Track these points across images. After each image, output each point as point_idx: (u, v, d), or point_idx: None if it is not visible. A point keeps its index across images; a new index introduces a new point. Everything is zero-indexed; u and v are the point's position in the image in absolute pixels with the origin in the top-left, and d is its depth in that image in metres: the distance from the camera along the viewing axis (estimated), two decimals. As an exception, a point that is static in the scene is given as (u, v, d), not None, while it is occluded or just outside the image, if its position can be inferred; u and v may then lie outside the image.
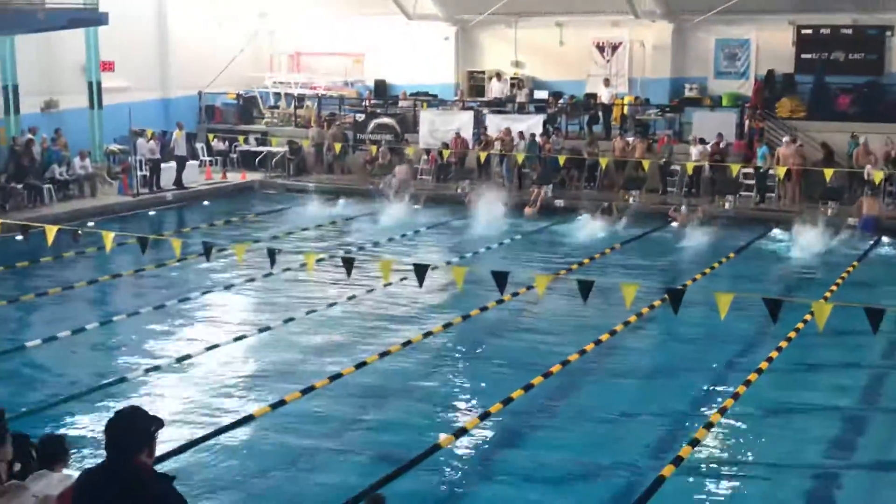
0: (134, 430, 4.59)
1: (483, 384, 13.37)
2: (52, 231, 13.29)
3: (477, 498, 10.18)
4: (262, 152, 31.93)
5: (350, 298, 17.43)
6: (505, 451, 11.37)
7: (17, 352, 14.33)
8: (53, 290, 17.71)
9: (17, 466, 6.61)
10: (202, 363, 14.04)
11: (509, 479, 10.55)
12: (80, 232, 14.35)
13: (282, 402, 12.33)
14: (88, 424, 11.55)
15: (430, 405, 12.59)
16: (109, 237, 13.12)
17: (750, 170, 26.50)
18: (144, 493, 4.44)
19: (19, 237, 17.94)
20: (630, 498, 9.82)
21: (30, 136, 25.91)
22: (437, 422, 11.98)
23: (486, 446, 11.45)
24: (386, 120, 31.47)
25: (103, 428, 4.74)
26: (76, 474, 5.78)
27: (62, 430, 10.84)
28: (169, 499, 4.49)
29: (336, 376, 13.31)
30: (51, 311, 16.81)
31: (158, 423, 4.71)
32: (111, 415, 4.80)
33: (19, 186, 24.48)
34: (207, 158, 31.31)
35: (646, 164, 26.77)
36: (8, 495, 5.75)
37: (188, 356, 14.19)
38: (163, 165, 27.90)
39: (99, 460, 5.88)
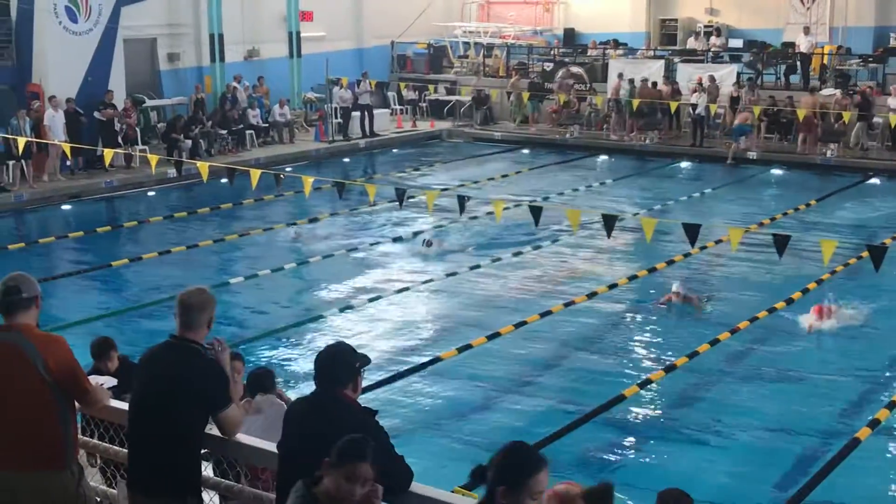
0: (340, 364, 4.75)
1: (668, 338, 13.28)
2: (256, 175, 13.92)
3: (658, 450, 10.18)
4: (450, 101, 32.26)
5: (536, 248, 17.57)
6: (689, 405, 11.32)
7: (221, 288, 15.20)
8: (255, 231, 18.65)
9: None
10: (392, 305, 14.55)
11: (692, 433, 10.51)
12: (282, 176, 14.96)
13: (468, 346, 12.65)
14: (288, 358, 12.18)
15: (614, 356, 12.64)
16: (308, 182, 13.63)
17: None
18: (349, 424, 4.59)
19: (224, 180, 18.86)
20: (821, 459, 9.63)
21: (234, 83, 27.11)
22: (622, 373, 12.01)
23: (671, 399, 11.42)
24: (574, 69, 31.16)
25: (313, 360, 5.01)
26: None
27: (264, 364, 11.48)
28: (373, 431, 4.61)
29: (521, 324, 13.51)
30: (252, 250, 17.69)
31: (364, 360, 4.91)
32: (309, 349, 5.06)
33: (223, 132, 25.71)
34: (398, 107, 31.89)
35: (846, 116, 25.52)
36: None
37: (379, 297, 14.71)
38: (352, 114, 28.62)
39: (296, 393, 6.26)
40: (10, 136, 19.27)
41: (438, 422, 10.70)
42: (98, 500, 5.53)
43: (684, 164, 26.16)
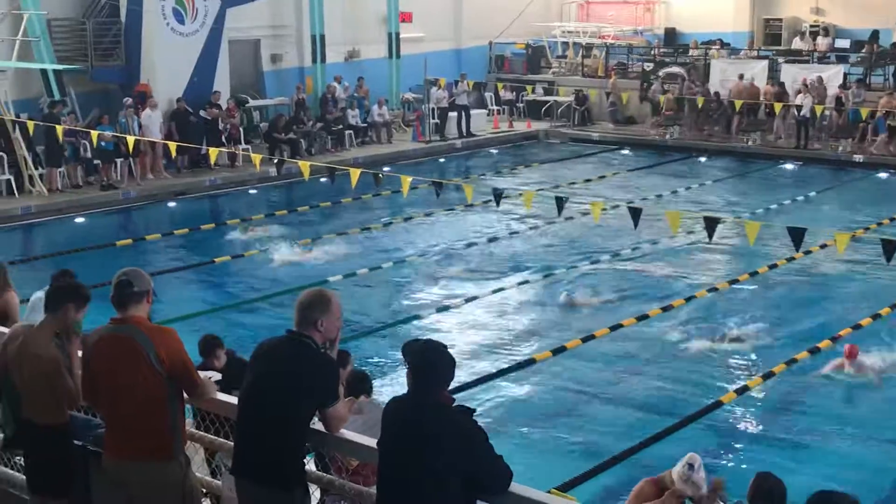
0: (443, 364, 4.73)
1: (765, 344, 12.99)
2: (355, 174, 14.06)
3: (755, 457, 9.97)
4: (548, 102, 32.14)
5: (635, 250, 17.41)
6: (788, 413, 11.11)
7: (319, 286, 15.39)
8: (353, 230, 18.88)
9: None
10: (488, 305, 14.58)
11: (791, 440, 10.33)
12: (381, 175, 15.14)
13: (562, 349, 12.62)
14: (384, 358, 12.32)
15: (711, 362, 12.44)
16: (407, 181, 13.73)
17: None
18: (449, 423, 4.60)
19: (323, 179, 19.14)
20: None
21: (334, 83, 27.49)
22: (719, 379, 11.84)
23: (769, 406, 11.21)
24: (675, 69, 30.73)
25: (412, 358, 4.97)
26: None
27: (359, 361, 11.61)
28: (471, 430, 4.62)
29: (616, 326, 13.42)
30: (350, 248, 17.83)
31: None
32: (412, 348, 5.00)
33: (320, 126, 26.07)
34: (495, 107, 31.88)
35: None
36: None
37: (475, 297, 14.77)
38: (450, 114, 28.73)
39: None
40: (119, 135, 19.90)
41: (534, 423, 10.71)
42: (204, 490, 5.69)
43: (788, 167, 25.64)
